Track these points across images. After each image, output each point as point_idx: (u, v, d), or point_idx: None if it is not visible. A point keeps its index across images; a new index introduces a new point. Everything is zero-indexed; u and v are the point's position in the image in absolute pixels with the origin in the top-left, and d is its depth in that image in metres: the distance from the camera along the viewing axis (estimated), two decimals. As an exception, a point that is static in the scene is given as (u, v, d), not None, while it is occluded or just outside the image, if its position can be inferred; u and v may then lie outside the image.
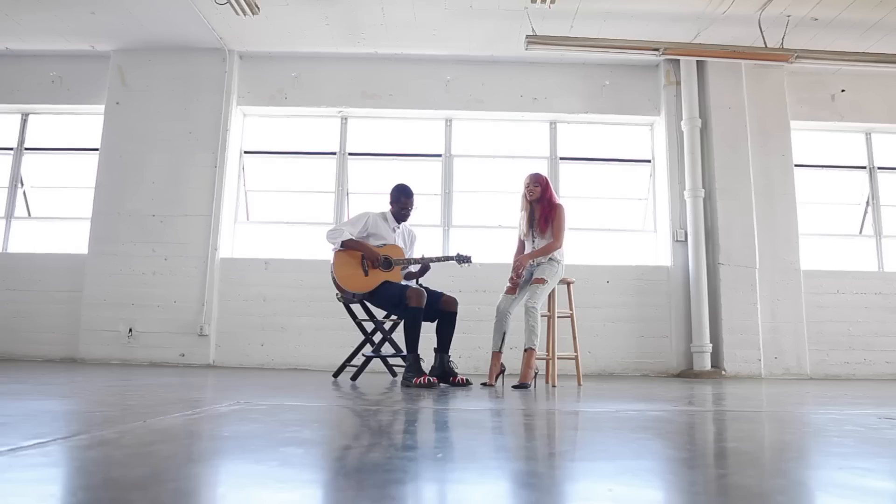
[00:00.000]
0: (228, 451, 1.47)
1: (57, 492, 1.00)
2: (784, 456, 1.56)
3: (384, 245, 4.37)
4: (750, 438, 1.91)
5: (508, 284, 4.37)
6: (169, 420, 1.94)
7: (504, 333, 4.25)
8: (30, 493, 0.99)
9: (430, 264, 4.50)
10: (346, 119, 6.93)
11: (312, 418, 2.14)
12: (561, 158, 6.87)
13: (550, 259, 4.32)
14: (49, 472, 1.16)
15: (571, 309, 4.61)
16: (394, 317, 4.67)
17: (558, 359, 4.39)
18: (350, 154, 6.87)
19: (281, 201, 6.85)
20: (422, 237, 5.04)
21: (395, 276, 4.29)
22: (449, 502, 1.04)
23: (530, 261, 4.38)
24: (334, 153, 6.86)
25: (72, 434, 1.60)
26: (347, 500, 1.00)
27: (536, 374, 4.16)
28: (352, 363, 4.62)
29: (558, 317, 4.48)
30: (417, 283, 4.49)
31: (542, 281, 4.23)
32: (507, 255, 4.64)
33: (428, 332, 4.20)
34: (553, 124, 6.93)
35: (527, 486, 1.13)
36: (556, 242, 4.31)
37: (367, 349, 4.58)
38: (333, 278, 4.28)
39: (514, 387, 3.98)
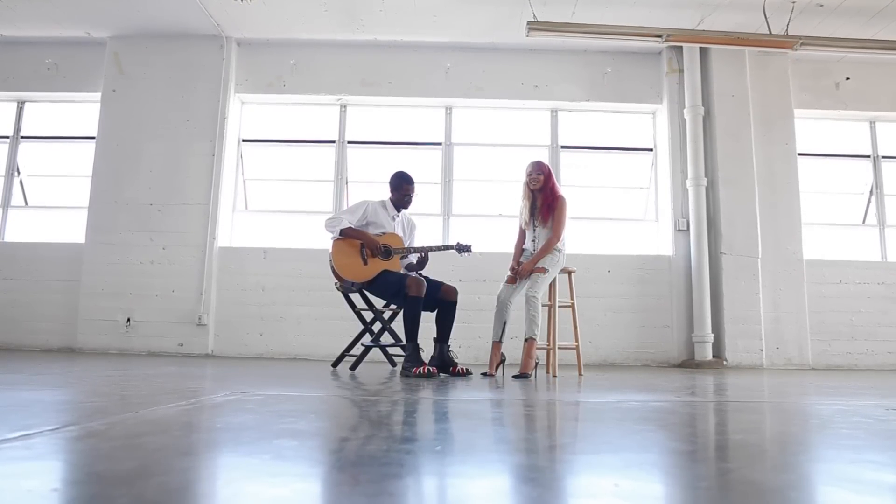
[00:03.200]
0: (220, 443, 1.42)
1: (36, 487, 0.95)
2: (793, 449, 1.52)
3: (383, 234, 4.32)
4: (756, 430, 1.87)
5: (509, 274, 4.33)
6: (162, 411, 1.90)
7: (504, 323, 4.20)
8: (7, 487, 0.94)
9: (429, 256, 4.44)
10: (345, 107, 6.86)
11: (309, 409, 2.10)
12: (562, 147, 6.80)
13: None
14: (31, 465, 1.11)
15: (572, 298, 4.56)
16: (393, 306, 4.62)
17: (559, 349, 4.35)
18: (349, 142, 6.81)
19: (279, 190, 6.79)
20: (421, 226, 4.98)
21: (395, 264, 4.25)
22: (447, 498, 0.99)
23: (531, 250, 4.34)
24: (333, 141, 6.80)
25: (60, 425, 1.56)
26: (341, 496, 0.96)
27: (537, 364, 4.11)
28: (351, 353, 4.58)
29: (559, 306, 4.44)
30: (417, 273, 4.44)
31: (542, 270, 4.18)
32: (508, 245, 4.58)
33: (427, 321, 4.15)
34: (554, 112, 6.86)
35: (529, 480, 1.09)
36: (554, 238, 4.25)
37: (367, 339, 4.54)
38: (332, 267, 4.23)
39: (515, 377, 3.94)
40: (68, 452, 1.27)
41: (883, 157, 6.86)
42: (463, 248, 4.43)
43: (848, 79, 6.75)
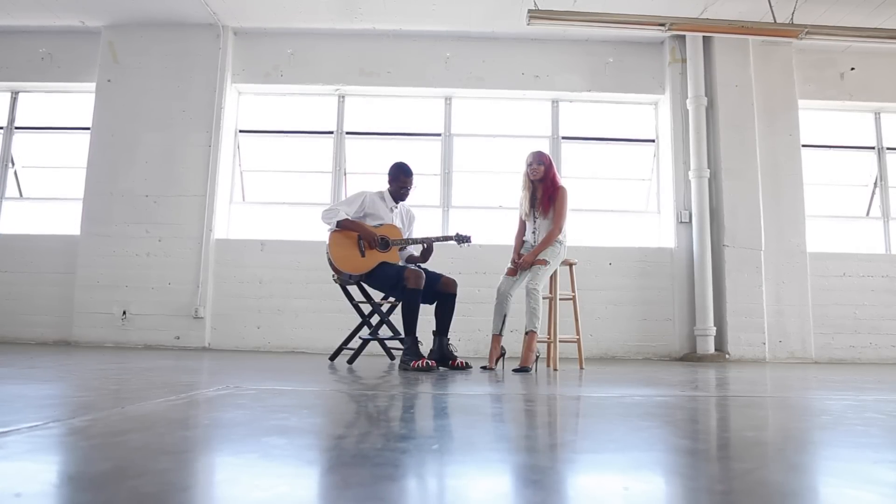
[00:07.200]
0: (205, 441, 1.35)
1: (-1, 491, 0.88)
2: (809, 447, 1.45)
3: (381, 225, 4.24)
4: (768, 427, 1.80)
5: (509, 266, 4.26)
6: (149, 406, 1.83)
7: (504, 316, 4.14)
8: (-33, 493, 0.87)
9: (433, 247, 4.36)
10: (343, 97, 6.77)
11: (302, 404, 2.03)
12: (563, 138, 6.72)
13: (552, 240, 4.20)
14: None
15: (573, 291, 4.49)
16: (391, 298, 4.55)
17: (560, 342, 4.29)
18: (347, 133, 6.72)
19: (277, 181, 6.71)
20: (420, 218, 4.91)
21: (393, 256, 4.17)
22: (444, 503, 0.92)
23: (532, 241, 4.27)
24: (331, 132, 6.71)
25: (41, 422, 1.48)
26: (327, 501, 0.88)
27: (537, 357, 4.05)
28: (349, 346, 4.52)
29: (560, 299, 4.37)
30: (418, 265, 4.37)
31: (543, 262, 4.11)
32: (508, 237, 4.51)
33: (426, 314, 4.09)
34: (555, 103, 6.77)
35: (531, 483, 1.01)
36: (555, 230, 4.18)
37: (365, 332, 4.47)
38: (329, 259, 4.16)
39: (515, 370, 3.87)
40: (43, 452, 1.20)
41: (887, 148, 6.79)
42: (463, 239, 4.35)
43: (853, 69, 6.65)
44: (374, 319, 4.45)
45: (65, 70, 6.69)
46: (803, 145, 6.47)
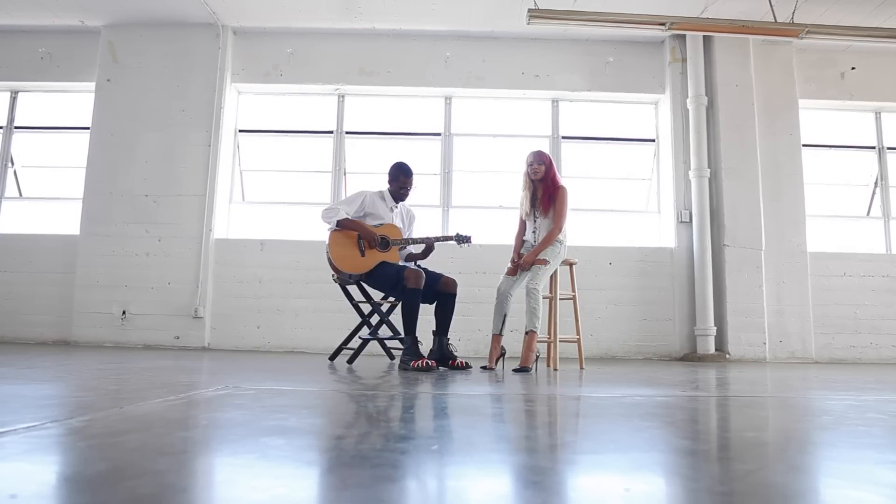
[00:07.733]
0: (203, 441, 1.34)
1: (-5, 493, 0.88)
2: (811, 448, 1.44)
3: (381, 225, 4.23)
4: (769, 428, 1.79)
5: (509, 265, 4.25)
6: (147, 406, 1.82)
7: (504, 316, 4.13)
8: (-38, 494, 0.87)
9: (434, 245, 4.36)
10: (343, 97, 6.76)
11: (302, 404, 2.02)
12: (563, 137, 6.71)
13: (552, 240, 4.20)
14: (-4, 467, 1.03)
15: (574, 291, 4.49)
16: (391, 298, 4.55)
17: (560, 342, 4.28)
18: (347, 133, 6.71)
19: (277, 181, 6.70)
20: (420, 218, 4.90)
21: (393, 256, 4.16)
22: (443, 504, 0.91)
23: (532, 241, 4.26)
24: (331, 132, 6.70)
25: (38, 423, 1.47)
26: (325, 503, 0.88)
27: (538, 357, 4.04)
28: (348, 346, 4.51)
29: (560, 299, 4.36)
30: (416, 264, 4.36)
31: (543, 262, 4.10)
32: (508, 236, 4.50)
33: (426, 314, 4.08)
34: (555, 102, 6.76)
35: (531, 484, 1.01)
36: (555, 229, 4.17)
37: (364, 332, 4.47)
38: (329, 259, 4.15)
39: (515, 370, 3.87)
40: (40, 452, 1.19)
41: (888, 148, 6.78)
42: (463, 239, 4.35)
43: (854, 68, 6.64)
44: (374, 319, 4.45)
45: (64, 70, 6.68)
46: (804, 145, 6.46)
